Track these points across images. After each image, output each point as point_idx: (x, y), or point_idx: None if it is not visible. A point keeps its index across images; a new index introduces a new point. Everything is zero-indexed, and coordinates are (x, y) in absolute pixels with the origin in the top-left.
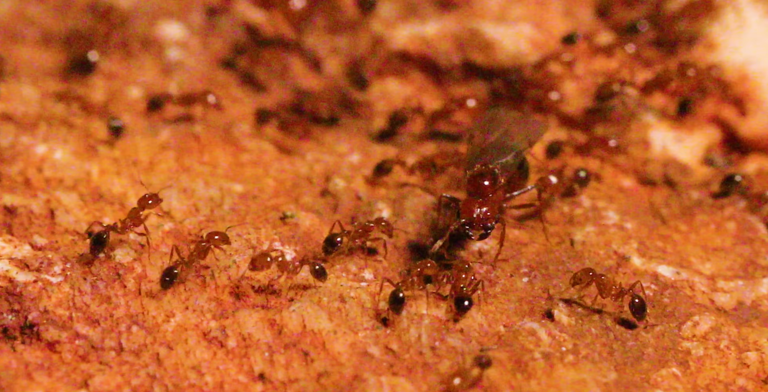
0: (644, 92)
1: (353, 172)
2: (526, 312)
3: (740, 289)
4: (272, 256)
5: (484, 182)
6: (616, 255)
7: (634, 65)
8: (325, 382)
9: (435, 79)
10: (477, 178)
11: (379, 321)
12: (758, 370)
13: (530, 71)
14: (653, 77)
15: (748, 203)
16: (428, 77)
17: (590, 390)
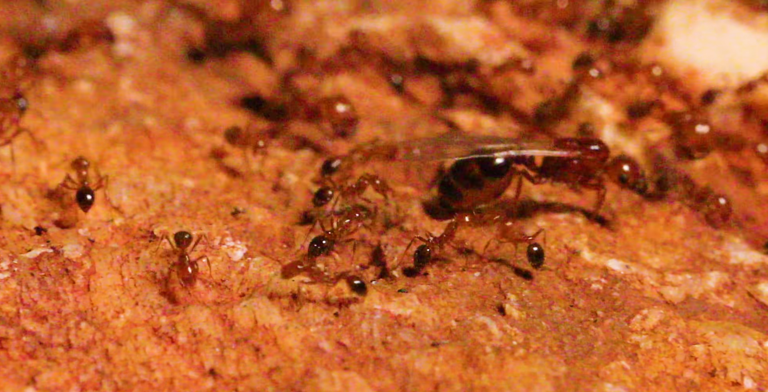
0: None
1: (305, 167)
2: (477, 307)
3: (688, 282)
4: (303, 265)
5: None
6: (566, 249)
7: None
8: (276, 377)
9: (388, 75)
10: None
11: (332, 315)
12: (705, 363)
13: (490, 74)
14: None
15: (691, 200)
16: (381, 72)
17: (541, 384)
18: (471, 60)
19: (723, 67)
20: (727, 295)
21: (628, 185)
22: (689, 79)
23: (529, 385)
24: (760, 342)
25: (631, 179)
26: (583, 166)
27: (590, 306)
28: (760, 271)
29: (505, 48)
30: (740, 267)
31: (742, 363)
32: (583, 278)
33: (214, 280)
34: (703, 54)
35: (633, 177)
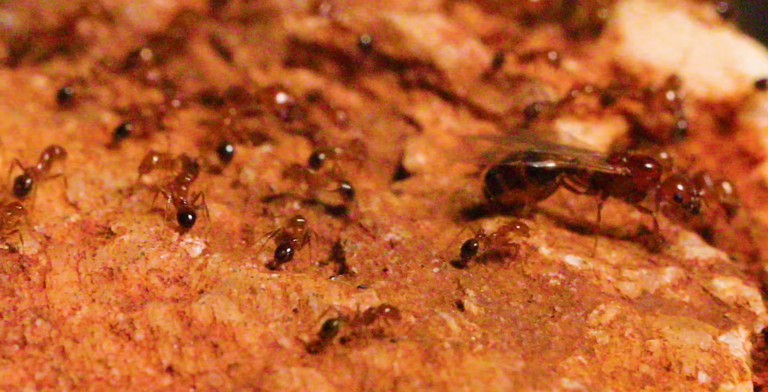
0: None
1: (265, 163)
2: (436, 303)
3: (644, 278)
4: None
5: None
6: (525, 245)
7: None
8: (234, 374)
9: (346, 70)
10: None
11: (291, 311)
12: (661, 357)
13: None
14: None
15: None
16: (339, 68)
17: (499, 379)
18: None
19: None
20: (682, 290)
21: (682, 205)
22: (645, 77)
23: (487, 380)
24: (714, 336)
25: (686, 199)
26: (633, 183)
27: (548, 302)
28: (715, 266)
29: (464, 44)
30: (695, 263)
31: (697, 357)
32: (541, 273)
33: (172, 276)
34: (658, 51)
35: (687, 197)
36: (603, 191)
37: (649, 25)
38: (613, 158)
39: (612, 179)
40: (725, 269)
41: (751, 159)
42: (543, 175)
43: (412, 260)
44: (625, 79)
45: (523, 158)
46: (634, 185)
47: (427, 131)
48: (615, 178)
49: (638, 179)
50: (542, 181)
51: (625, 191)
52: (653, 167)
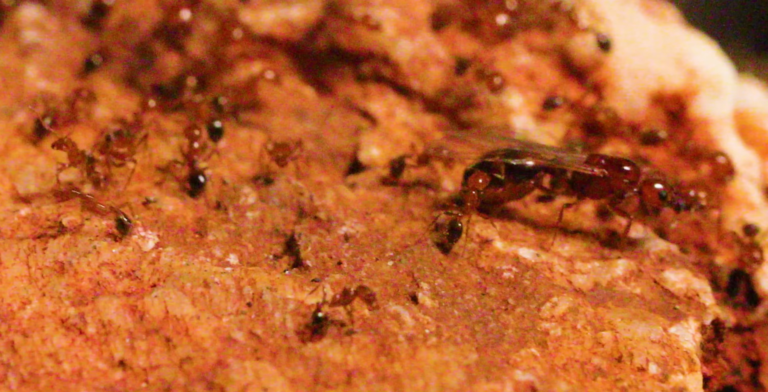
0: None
1: (219, 156)
2: (390, 296)
3: (597, 270)
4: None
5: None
6: (479, 238)
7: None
8: (187, 368)
9: (301, 64)
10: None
11: (244, 305)
12: (612, 349)
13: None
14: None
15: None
16: (294, 61)
17: (452, 372)
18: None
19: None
20: (634, 282)
21: (667, 203)
22: (598, 71)
23: (440, 373)
24: (665, 328)
25: (670, 196)
26: (610, 185)
27: (502, 294)
28: (666, 259)
29: (418, 37)
30: (647, 255)
31: (648, 348)
32: (494, 266)
33: (125, 270)
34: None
35: (671, 194)
36: (580, 193)
37: (602, 19)
38: (592, 160)
39: (590, 180)
40: (676, 262)
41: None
42: (522, 173)
43: (366, 253)
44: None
45: (502, 156)
46: (611, 186)
47: (382, 124)
48: (593, 179)
49: (616, 180)
50: (520, 179)
51: (602, 192)
52: (631, 170)
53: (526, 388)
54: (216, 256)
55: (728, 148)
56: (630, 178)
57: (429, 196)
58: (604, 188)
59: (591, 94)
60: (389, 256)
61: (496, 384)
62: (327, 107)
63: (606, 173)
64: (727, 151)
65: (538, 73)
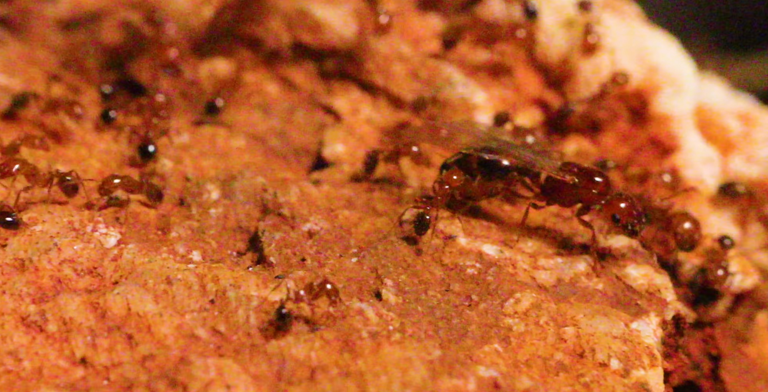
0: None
1: (182, 152)
2: (354, 292)
3: (559, 266)
4: None
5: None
6: (442, 234)
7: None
8: (150, 365)
9: (264, 59)
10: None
11: (207, 302)
12: (574, 345)
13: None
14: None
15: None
16: (257, 57)
17: (415, 368)
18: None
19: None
20: (596, 278)
21: (620, 225)
22: (561, 67)
23: (404, 369)
24: (627, 323)
25: (624, 220)
26: (579, 195)
27: (465, 291)
28: (628, 255)
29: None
30: (608, 251)
31: (610, 344)
32: (458, 263)
33: (86, 267)
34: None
35: (626, 218)
36: (549, 198)
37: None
38: (566, 166)
39: (560, 186)
40: (638, 258)
41: (663, 149)
42: (496, 171)
43: (330, 249)
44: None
45: (480, 152)
46: (580, 196)
47: (346, 120)
48: (563, 186)
49: (584, 190)
50: (495, 177)
51: (570, 200)
52: (601, 182)
53: (489, 384)
54: (179, 253)
55: (689, 144)
56: (599, 189)
57: (393, 192)
58: (573, 196)
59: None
60: (353, 252)
61: (459, 380)
62: (291, 104)
63: (577, 181)
64: (688, 147)
65: (502, 69)
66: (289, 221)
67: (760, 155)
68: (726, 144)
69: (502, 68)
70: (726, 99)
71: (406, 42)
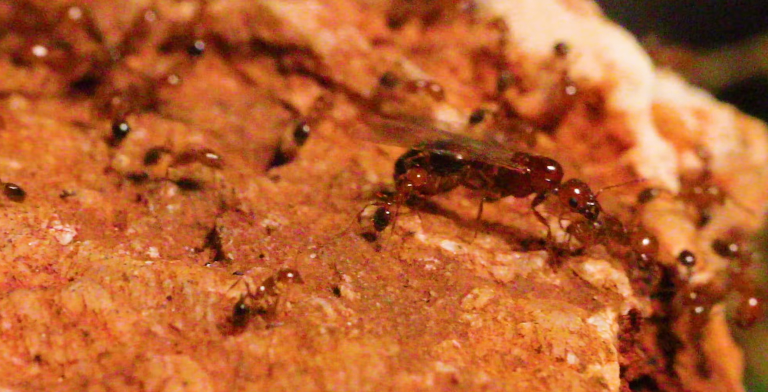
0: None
1: (139, 148)
2: (313, 288)
3: (517, 262)
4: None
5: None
6: (401, 230)
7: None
8: (106, 362)
9: (224, 56)
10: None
11: (165, 299)
12: (532, 340)
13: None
14: None
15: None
16: (217, 53)
17: (373, 364)
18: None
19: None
20: (553, 274)
21: (577, 209)
22: (519, 64)
23: (362, 365)
24: (583, 318)
25: (581, 204)
26: (532, 184)
27: (424, 286)
28: (584, 250)
29: (341, 30)
30: (566, 246)
31: (567, 339)
32: (417, 258)
33: (41, 264)
34: (533, 39)
35: (583, 202)
36: (504, 189)
37: (522, 12)
38: (517, 157)
39: (513, 177)
40: (594, 253)
41: (619, 145)
42: (449, 165)
43: (289, 246)
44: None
45: (433, 147)
46: (533, 185)
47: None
48: (516, 176)
49: (537, 179)
50: (448, 171)
51: (524, 190)
52: (553, 170)
53: (446, 379)
54: (136, 249)
55: (645, 140)
56: (552, 178)
57: (352, 189)
58: (527, 186)
59: (512, 88)
60: (312, 249)
61: (417, 376)
62: (249, 99)
63: (529, 171)
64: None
65: (461, 66)
66: (247, 217)
67: (715, 151)
68: (681, 140)
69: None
70: (682, 95)
71: (364, 38)
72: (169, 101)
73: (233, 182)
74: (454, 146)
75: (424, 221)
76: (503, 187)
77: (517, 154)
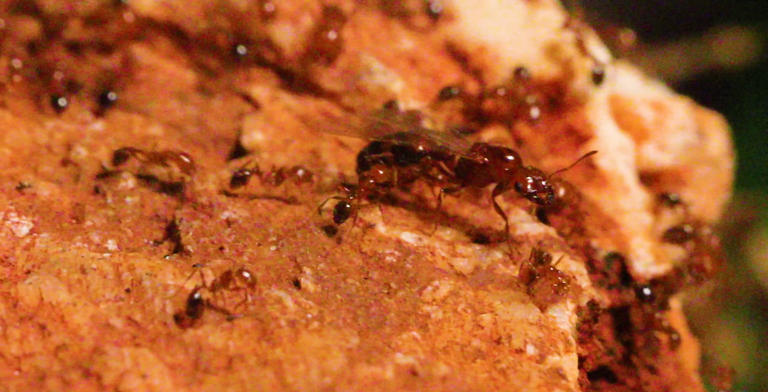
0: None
1: (97, 140)
2: (273, 281)
3: (477, 254)
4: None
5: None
6: (362, 223)
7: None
8: (63, 355)
9: (183, 46)
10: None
11: (123, 291)
12: (491, 331)
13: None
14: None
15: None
16: (175, 44)
17: (334, 356)
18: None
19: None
20: (513, 265)
21: (525, 195)
22: (479, 56)
23: (322, 357)
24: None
25: (524, 191)
26: (491, 174)
27: (384, 278)
28: (544, 242)
29: (302, 20)
30: (526, 239)
31: (526, 330)
32: (377, 251)
33: None
34: (492, 31)
35: (534, 188)
36: (464, 180)
37: (481, 4)
38: (476, 147)
39: (472, 167)
40: (554, 245)
41: (578, 137)
42: (410, 156)
43: (248, 238)
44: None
45: (393, 138)
46: (492, 175)
47: (265, 108)
48: (475, 167)
49: (496, 169)
50: (408, 162)
51: (483, 181)
52: (512, 160)
53: (406, 371)
54: (94, 242)
55: (604, 132)
56: (510, 168)
57: (313, 181)
58: (486, 177)
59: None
60: (272, 241)
61: (377, 368)
62: (209, 91)
63: (487, 161)
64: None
65: (421, 58)
66: (207, 209)
67: (672, 143)
68: (639, 132)
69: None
70: (639, 88)
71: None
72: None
73: (194, 174)
74: (414, 137)
75: (384, 213)
76: (463, 178)
77: (476, 144)
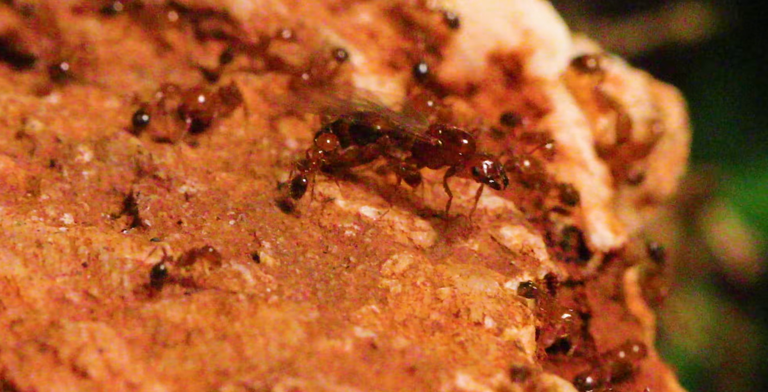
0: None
1: (53, 113)
2: (232, 255)
3: (437, 228)
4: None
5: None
6: (321, 196)
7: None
8: (18, 329)
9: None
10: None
11: (80, 265)
12: (450, 305)
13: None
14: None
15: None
16: (133, 17)
17: (293, 330)
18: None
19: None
20: (471, 239)
21: (482, 180)
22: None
23: (281, 331)
24: (501, 283)
25: (482, 175)
26: (445, 156)
27: (343, 253)
28: (503, 215)
29: None
30: (484, 212)
31: (484, 303)
32: (337, 225)
33: None
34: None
35: (489, 173)
36: (419, 160)
37: None
38: (432, 129)
39: (427, 148)
40: (512, 218)
41: (537, 111)
42: (367, 135)
43: (207, 212)
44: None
45: (351, 117)
46: (445, 158)
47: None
48: (430, 148)
49: (450, 152)
50: (366, 141)
51: (437, 162)
52: (465, 143)
53: (366, 344)
54: (50, 216)
55: (561, 107)
56: (464, 151)
57: (272, 155)
58: (440, 158)
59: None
60: (231, 215)
61: (336, 341)
62: (166, 65)
63: (441, 143)
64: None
65: (379, 32)
66: (165, 183)
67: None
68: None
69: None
70: None
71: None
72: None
73: (150, 147)
74: (372, 116)
75: (344, 187)
76: (418, 158)
77: (432, 125)
